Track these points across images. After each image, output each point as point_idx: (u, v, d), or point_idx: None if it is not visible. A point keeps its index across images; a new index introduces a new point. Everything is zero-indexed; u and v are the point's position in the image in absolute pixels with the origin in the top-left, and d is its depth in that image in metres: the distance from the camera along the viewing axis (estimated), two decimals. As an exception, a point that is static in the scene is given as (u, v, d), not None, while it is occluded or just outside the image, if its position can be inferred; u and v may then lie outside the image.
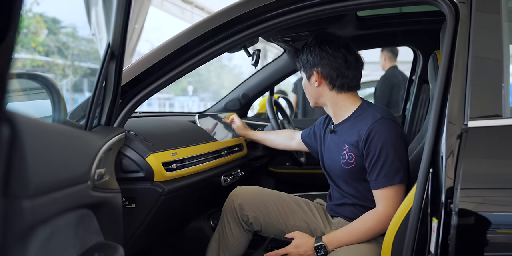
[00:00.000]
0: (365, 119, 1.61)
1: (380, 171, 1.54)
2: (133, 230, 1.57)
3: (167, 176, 1.59)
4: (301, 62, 1.75)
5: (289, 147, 2.16)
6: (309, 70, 1.72)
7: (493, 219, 1.17)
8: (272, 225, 1.76)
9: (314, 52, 1.70)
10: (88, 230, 1.07)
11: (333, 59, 1.67)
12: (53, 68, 12.42)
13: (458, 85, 1.27)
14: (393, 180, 1.53)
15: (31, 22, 11.98)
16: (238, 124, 2.29)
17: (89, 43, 12.77)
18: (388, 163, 1.54)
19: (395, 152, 1.54)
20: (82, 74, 12.72)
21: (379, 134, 1.55)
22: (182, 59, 1.58)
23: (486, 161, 1.23)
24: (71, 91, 12.57)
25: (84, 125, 1.25)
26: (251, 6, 1.53)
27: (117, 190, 1.29)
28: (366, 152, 1.57)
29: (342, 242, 1.56)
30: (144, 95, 1.58)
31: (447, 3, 1.36)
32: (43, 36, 12.27)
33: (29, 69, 11.57)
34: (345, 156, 1.64)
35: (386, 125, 1.57)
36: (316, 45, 1.70)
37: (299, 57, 1.76)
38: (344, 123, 1.70)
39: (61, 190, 0.81)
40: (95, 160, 1.07)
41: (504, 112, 1.22)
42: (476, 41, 1.29)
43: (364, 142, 1.56)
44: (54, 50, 12.58)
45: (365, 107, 1.68)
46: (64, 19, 13.16)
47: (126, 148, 1.52)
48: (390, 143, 1.54)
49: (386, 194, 1.55)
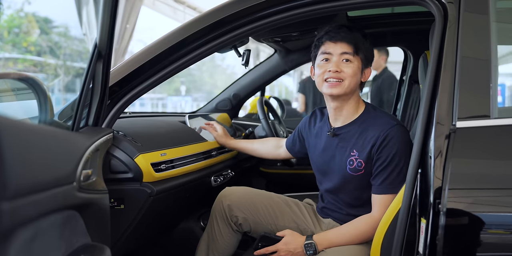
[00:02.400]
0: (379, 124, 1.57)
1: (387, 178, 1.53)
2: (122, 231, 1.56)
3: (156, 176, 1.59)
4: (365, 47, 1.61)
5: (278, 156, 2.06)
6: (369, 61, 1.64)
7: (481, 219, 1.17)
8: (262, 225, 1.75)
9: (372, 47, 1.65)
10: (74, 231, 1.06)
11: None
12: (45, 68, 12.36)
13: (447, 85, 1.27)
14: (396, 188, 1.49)
15: (23, 21, 11.91)
16: (218, 132, 2.10)
17: (81, 43, 12.72)
18: (397, 171, 1.52)
19: (405, 161, 1.50)
20: (74, 74, 12.66)
21: (394, 141, 1.52)
22: (172, 59, 1.57)
23: (474, 162, 1.23)
24: (63, 91, 12.51)
25: (71, 126, 1.24)
26: (241, 6, 1.53)
27: (104, 191, 1.28)
28: (377, 156, 1.54)
29: (332, 243, 1.56)
30: (133, 95, 1.57)
31: (436, 3, 1.36)
32: (35, 35, 12.20)
33: (20, 69, 11.50)
34: (353, 163, 1.60)
35: (402, 132, 1.55)
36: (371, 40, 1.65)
37: (362, 42, 1.61)
38: (349, 126, 1.64)
39: (43, 192, 0.80)
40: (81, 161, 1.06)
41: (492, 113, 1.22)
42: (465, 41, 1.29)
43: (378, 146, 1.54)
44: (46, 50, 12.52)
45: (372, 111, 1.64)
46: (56, 19, 13.10)
47: (114, 148, 1.51)
48: (402, 151, 1.52)
49: (385, 201, 1.53)
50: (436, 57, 1.32)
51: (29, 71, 11.28)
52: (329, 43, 1.61)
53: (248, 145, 2.09)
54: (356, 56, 1.59)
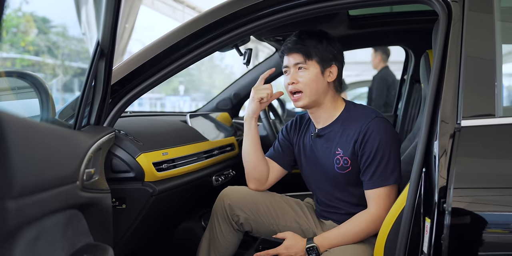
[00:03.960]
0: (358, 120, 1.58)
1: (375, 171, 1.53)
2: (124, 231, 1.55)
3: (157, 176, 1.58)
4: (318, 51, 1.59)
5: (266, 181, 1.80)
6: (328, 62, 1.61)
7: (486, 219, 1.16)
8: (263, 225, 1.74)
9: (335, 45, 1.63)
10: (77, 231, 1.06)
11: (342, 57, 1.66)
12: (43, 68, 12.32)
13: (451, 84, 1.26)
14: (387, 181, 1.52)
15: (21, 21, 11.88)
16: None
17: (79, 42, 12.69)
18: (384, 163, 1.52)
19: (390, 152, 1.53)
20: (72, 73, 12.63)
21: (375, 133, 1.53)
22: (172, 58, 1.56)
23: (479, 161, 1.23)
24: (61, 90, 12.48)
25: (73, 125, 1.23)
26: (241, 5, 1.52)
27: (106, 190, 1.27)
28: (362, 152, 1.55)
29: (334, 243, 1.55)
30: (134, 94, 1.56)
31: (440, 2, 1.35)
32: (33, 35, 12.17)
33: (18, 69, 11.48)
34: (339, 161, 1.60)
35: (382, 124, 1.56)
36: (333, 39, 1.64)
37: (314, 46, 1.59)
38: (331, 126, 1.65)
39: (48, 191, 0.79)
40: (84, 160, 1.05)
41: (497, 111, 1.22)
42: (469, 40, 1.29)
43: (360, 141, 1.55)
44: (44, 49, 12.48)
45: (352, 108, 1.65)
46: (54, 18, 13.06)
47: (116, 147, 1.50)
48: (386, 142, 1.53)
49: (379, 195, 1.53)
50: (440, 56, 1.31)
51: (27, 70, 11.23)
52: (285, 57, 1.65)
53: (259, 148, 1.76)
54: (310, 61, 1.60)
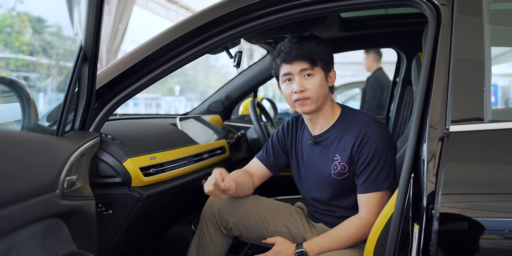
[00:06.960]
0: (356, 125, 1.56)
1: (370, 176, 1.52)
2: (110, 237, 1.53)
3: (145, 181, 1.56)
4: (320, 55, 1.57)
5: (253, 186, 1.76)
6: (329, 66, 1.59)
7: (474, 225, 1.15)
8: (252, 230, 1.72)
9: (329, 48, 1.61)
10: (58, 239, 1.03)
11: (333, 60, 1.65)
12: (37, 68, 12.28)
13: (440, 88, 1.25)
14: (381, 186, 1.51)
15: (15, 21, 11.83)
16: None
17: (74, 42, 12.65)
18: (379, 168, 1.51)
19: (386, 157, 1.51)
20: (67, 74, 12.58)
21: (372, 138, 1.52)
22: (163, 59, 1.54)
23: (467, 166, 1.22)
24: (55, 90, 12.44)
25: (55, 131, 1.21)
26: (233, 6, 1.51)
27: (90, 197, 1.25)
28: (358, 156, 1.53)
29: (323, 248, 1.53)
30: (122, 97, 1.54)
31: (429, 5, 1.34)
32: (28, 35, 12.13)
33: (13, 69, 11.43)
34: (336, 167, 1.58)
35: (380, 130, 1.54)
36: (325, 41, 1.61)
37: (316, 51, 1.55)
38: (329, 132, 1.62)
39: (21, 203, 0.76)
40: (64, 167, 1.03)
41: (486, 116, 1.21)
42: (458, 43, 1.28)
43: (358, 146, 1.53)
44: (38, 49, 12.44)
45: (348, 113, 1.63)
46: (48, 18, 13.01)
47: (102, 152, 1.48)
48: (383, 148, 1.52)
49: (371, 200, 1.52)
50: (429, 60, 1.31)
51: (21, 70, 11.20)
52: (285, 65, 1.58)
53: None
54: (316, 67, 1.56)
